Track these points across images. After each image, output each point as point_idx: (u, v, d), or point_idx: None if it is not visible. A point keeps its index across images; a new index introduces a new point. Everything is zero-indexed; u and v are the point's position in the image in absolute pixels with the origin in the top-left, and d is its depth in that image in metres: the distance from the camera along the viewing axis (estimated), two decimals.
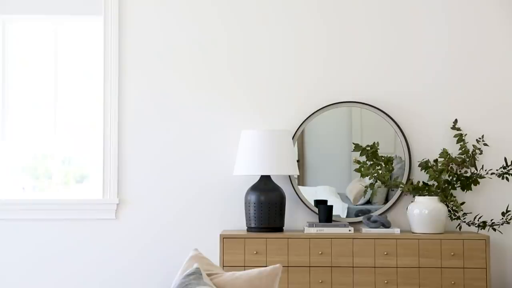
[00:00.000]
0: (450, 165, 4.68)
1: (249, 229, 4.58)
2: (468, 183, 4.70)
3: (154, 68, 4.93)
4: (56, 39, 5.05)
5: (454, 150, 4.78)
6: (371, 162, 4.75)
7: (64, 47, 5.05)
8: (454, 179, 4.70)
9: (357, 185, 4.89)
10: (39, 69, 5.05)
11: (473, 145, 4.75)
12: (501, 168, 4.73)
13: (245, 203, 4.59)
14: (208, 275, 2.74)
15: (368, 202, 4.89)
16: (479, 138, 4.77)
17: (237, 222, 4.84)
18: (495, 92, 4.87)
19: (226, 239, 4.43)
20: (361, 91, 4.89)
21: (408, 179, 4.80)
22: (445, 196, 4.63)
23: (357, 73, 4.90)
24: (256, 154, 4.54)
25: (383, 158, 4.77)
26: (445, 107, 4.86)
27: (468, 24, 4.90)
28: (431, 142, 4.84)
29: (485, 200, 4.82)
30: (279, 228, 4.58)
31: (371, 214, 4.74)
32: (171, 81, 4.92)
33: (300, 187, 4.87)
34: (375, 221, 4.59)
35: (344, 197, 4.90)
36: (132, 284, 4.84)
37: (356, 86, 4.89)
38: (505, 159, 4.70)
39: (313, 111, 4.87)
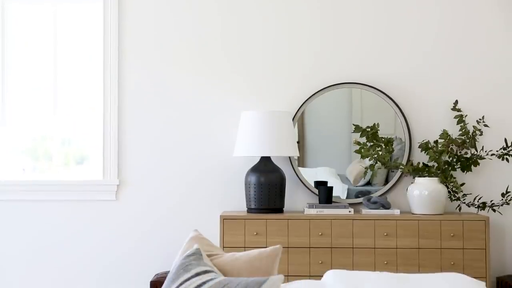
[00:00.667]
0: (450, 146, 4.68)
1: (249, 210, 4.58)
2: (468, 164, 4.70)
3: (154, 51, 4.91)
4: (56, 21, 5.03)
5: (454, 131, 4.77)
6: (371, 144, 4.75)
7: (64, 30, 5.02)
8: (454, 160, 4.70)
9: (357, 166, 4.89)
10: (39, 52, 5.03)
11: (473, 126, 4.74)
12: (501, 149, 4.73)
13: (245, 184, 4.59)
14: (208, 256, 2.75)
15: (368, 183, 4.89)
16: (480, 119, 4.76)
17: (237, 203, 4.85)
18: (496, 73, 4.85)
19: (226, 220, 4.44)
20: (362, 72, 4.87)
21: (408, 160, 4.80)
22: (445, 177, 4.63)
23: (358, 54, 4.88)
24: (256, 135, 4.53)
25: (383, 139, 4.76)
26: (445, 88, 4.85)
27: (470, 5, 4.87)
28: (431, 123, 4.84)
29: (485, 181, 4.82)
30: (279, 209, 4.58)
31: (371, 195, 4.75)
32: (171, 63, 4.91)
33: (300, 168, 4.87)
34: (375, 202, 4.60)
35: (344, 178, 4.90)
36: (132, 264, 4.86)
37: (357, 67, 4.88)
38: (505, 140, 4.70)
39: (313, 92, 4.86)
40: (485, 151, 4.77)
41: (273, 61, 4.90)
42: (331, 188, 4.63)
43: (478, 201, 4.72)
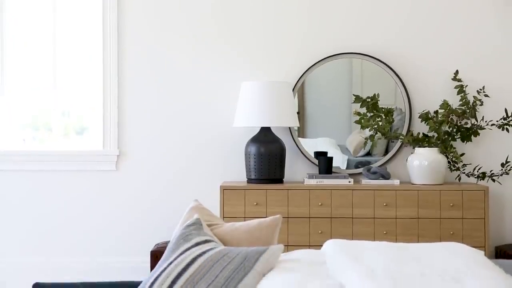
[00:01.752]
0: (451, 117, 4.67)
1: (249, 180, 4.59)
2: (468, 134, 4.69)
3: (154, 23, 4.88)
4: None
5: (455, 101, 4.76)
6: (371, 114, 4.74)
7: (63, 0, 4.99)
8: (454, 130, 4.69)
9: (357, 136, 4.88)
10: (39, 24, 4.99)
11: (473, 96, 4.72)
12: (501, 119, 4.72)
13: (245, 154, 4.59)
14: (209, 225, 2.75)
15: (368, 153, 4.89)
16: (480, 89, 4.74)
17: (238, 173, 4.85)
18: (497, 43, 4.82)
19: (226, 190, 4.44)
20: (362, 42, 4.84)
21: (408, 130, 4.79)
22: (445, 147, 4.63)
23: (358, 24, 4.85)
24: (256, 106, 4.52)
25: (383, 109, 4.75)
26: (446, 58, 4.83)
27: None
28: (432, 94, 4.82)
29: (485, 151, 4.82)
30: (279, 180, 4.59)
31: (371, 165, 4.74)
32: (171, 34, 4.88)
33: (300, 139, 4.87)
34: (374, 173, 4.60)
35: (344, 149, 4.90)
36: (133, 234, 4.88)
37: (357, 37, 4.85)
38: (506, 110, 4.68)
39: (314, 63, 4.83)
40: (485, 121, 4.75)
41: (274, 32, 4.86)
42: (331, 158, 4.63)
43: (477, 171, 4.72)
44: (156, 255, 4.36)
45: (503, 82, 4.82)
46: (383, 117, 4.74)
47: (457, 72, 4.74)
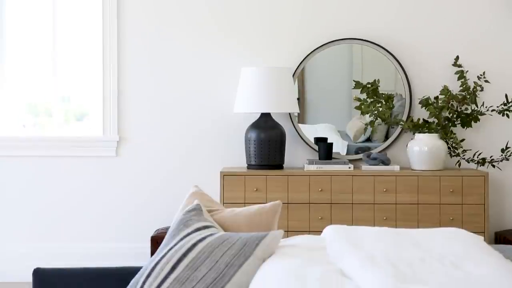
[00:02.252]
0: (451, 102, 4.66)
1: (249, 166, 4.59)
2: (468, 120, 4.69)
3: (154, 8, 4.86)
4: None
5: (455, 87, 4.75)
6: (372, 100, 4.74)
7: None
8: (455, 116, 4.69)
9: (357, 122, 4.87)
10: (38, 11, 4.97)
11: (474, 82, 4.72)
12: (501, 104, 4.71)
13: (245, 140, 4.59)
14: (209, 211, 2.75)
15: (368, 139, 4.88)
16: (480, 75, 4.73)
17: (238, 159, 4.85)
18: (497, 29, 4.81)
19: (226, 176, 4.44)
20: (362, 28, 4.83)
21: (408, 116, 4.78)
22: (445, 133, 4.62)
23: (358, 9, 4.83)
24: (256, 91, 4.51)
25: (383, 95, 4.75)
26: (446, 43, 4.81)
27: None
28: (432, 79, 4.81)
29: (485, 137, 4.81)
30: (279, 166, 4.59)
31: (371, 151, 4.74)
32: (171, 20, 4.86)
33: (300, 124, 4.86)
34: (374, 158, 4.60)
35: (344, 135, 4.90)
36: (133, 220, 4.88)
37: (357, 22, 4.83)
38: (506, 96, 4.68)
39: (314, 48, 4.82)
40: (486, 107, 4.75)
41: (274, 17, 4.85)
42: (331, 144, 4.63)
43: (477, 157, 4.72)
44: (156, 241, 4.37)
45: (503, 68, 4.81)
46: (383, 103, 4.73)
47: (457, 57, 4.73)
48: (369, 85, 4.74)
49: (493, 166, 4.69)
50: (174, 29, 4.86)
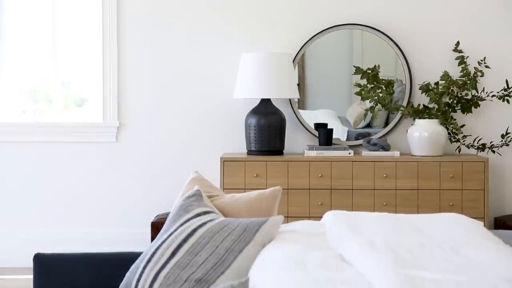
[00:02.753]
0: (451, 88, 4.65)
1: (250, 152, 4.59)
2: (469, 105, 4.68)
3: None
4: None
5: (456, 73, 4.73)
6: (372, 85, 4.73)
7: None
8: (455, 101, 4.68)
9: (357, 108, 4.87)
10: None
11: (474, 67, 4.70)
12: (502, 90, 4.70)
13: (246, 126, 4.58)
14: (209, 197, 2.75)
15: (368, 125, 4.88)
16: (481, 60, 4.72)
17: (238, 145, 4.84)
18: (498, 14, 4.79)
19: (226, 162, 4.44)
20: (362, 13, 4.81)
21: (409, 102, 4.77)
22: (445, 118, 4.62)
23: None
24: (256, 77, 4.50)
25: (383, 81, 4.74)
26: (447, 29, 4.80)
27: None
28: (432, 65, 4.80)
29: (485, 123, 4.81)
30: (279, 151, 4.58)
31: (371, 137, 4.74)
32: (172, 6, 4.84)
33: (300, 110, 4.86)
34: (374, 144, 4.60)
35: (344, 121, 4.89)
36: (133, 206, 4.89)
37: (357, 8, 4.81)
38: (506, 81, 4.67)
39: (314, 34, 4.80)
40: (486, 92, 4.74)
41: (274, 3, 4.83)
42: (331, 130, 4.62)
43: (477, 143, 4.72)
44: (156, 226, 4.38)
45: (504, 53, 4.80)
46: (384, 88, 4.72)
47: (458, 43, 4.71)
48: (370, 71, 4.72)
49: (493, 151, 4.69)
50: (175, 15, 4.84)
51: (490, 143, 4.73)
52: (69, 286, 2.70)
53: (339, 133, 4.84)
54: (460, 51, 4.70)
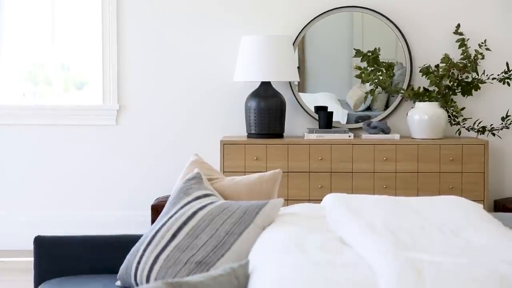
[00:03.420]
0: (452, 70, 4.64)
1: (250, 135, 4.58)
2: (469, 88, 4.67)
3: None
4: None
5: (456, 55, 4.72)
6: (372, 68, 4.72)
7: None
8: (455, 84, 4.67)
9: (357, 91, 4.86)
10: None
11: (475, 50, 4.68)
12: (502, 73, 4.68)
13: (246, 109, 4.58)
14: (209, 180, 2.75)
15: (368, 108, 4.87)
16: (482, 43, 4.70)
17: (238, 128, 4.83)
18: None
19: (226, 145, 4.44)
20: None
21: (409, 84, 4.76)
22: (445, 101, 4.61)
23: None
24: (256, 60, 4.49)
25: (384, 64, 4.73)
26: (447, 11, 4.77)
27: None
28: (433, 47, 4.78)
29: (485, 105, 4.80)
30: (279, 134, 4.58)
31: (371, 120, 4.73)
32: None
33: (300, 93, 4.84)
34: (375, 127, 4.59)
35: (344, 104, 4.88)
36: (133, 189, 4.89)
37: None
38: (507, 63, 4.65)
39: (314, 17, 4.78)
40: (486, 75, 4.72)
41: None
42: (331, 113, 4.61)
43: (477, 125, 4.71)
44: (156, 209, 4.38)
45: (504, 36, 4.78)
46: (384, 71, 4.71)
47: (458, 25, 4.69)
48: (370, 54, 4.71)
49: (493, 134, 4.68)
50: None
51: (490, 125, 4.72)
52: (70, 268, 2.71)
53: (339, 116, 4.83)
54: (461, 34, 4.68)
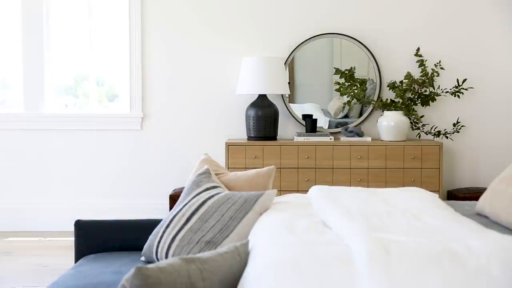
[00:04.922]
0: (413, 85, 4.65)
1: (249, 138, 4.58)
2: (427, 100, 4.67)
3: (173, 12, 4.81)
4: None
5: (416, 73, 4.72)
6: (349, 83, 4.72)
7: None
8: (416, 96, 4.67)
9: (337, 102, 4.86)
10: (76, 8, 4.92)
11: (431, 69, 4.69)
12: (453, 87, 4.69)
13: (246, 117, 4.58)
14: (216, 174, 2.75)
15: (346, 116, 4.87)
16: (437, 63, 4.71)
17: (240, 132, 4.84)
18: (451, 24, 4.78)
19: (230, 146, 4.44)
20: (341, 24, 4.79)
21: (379, 97, 4.77)
22: (408, 110, 4.61)
23: (338, 8, 4.79)
24: (255, 77, 4.49)
25: (358, 80, 4.73)
26: (410, 37, 4.78)
27: None
28: (398, 67, 4.78)
29: (440, 114, 4.80)
30: (274, 137, 4.58)
31: (348, 125, 4.73)
32: (187, 21, 4.81)
33: (290, 104, 4.84)
34: (351, 131, 4.59)
35: (326, 112, 4.88)
36: (155, 181, 4.89)
37: (337, 20, 4.79)
38: (457, 80, 4.66)
39: (302, 41, 4.79)
40: (441, 89, 4.73)
41: (268, 17, 4.80)
42: (316, 120, 4.62)
43: (434, 130, 4.72)
44: (173, 198, 4.38)
45: (456, 57, 4.79)
46: (358, 86, 4.72)
47: (418, 49, 4.70)
48: (347, 72, 4.71)
49: (447, 137, 4.69)
50: (189, 27, 4.82)
51: (444, 130, 4.72)
52: (103, 246, 2.71)
53: (322, 122, 4.83)
54: (420, 56, 4.69)
